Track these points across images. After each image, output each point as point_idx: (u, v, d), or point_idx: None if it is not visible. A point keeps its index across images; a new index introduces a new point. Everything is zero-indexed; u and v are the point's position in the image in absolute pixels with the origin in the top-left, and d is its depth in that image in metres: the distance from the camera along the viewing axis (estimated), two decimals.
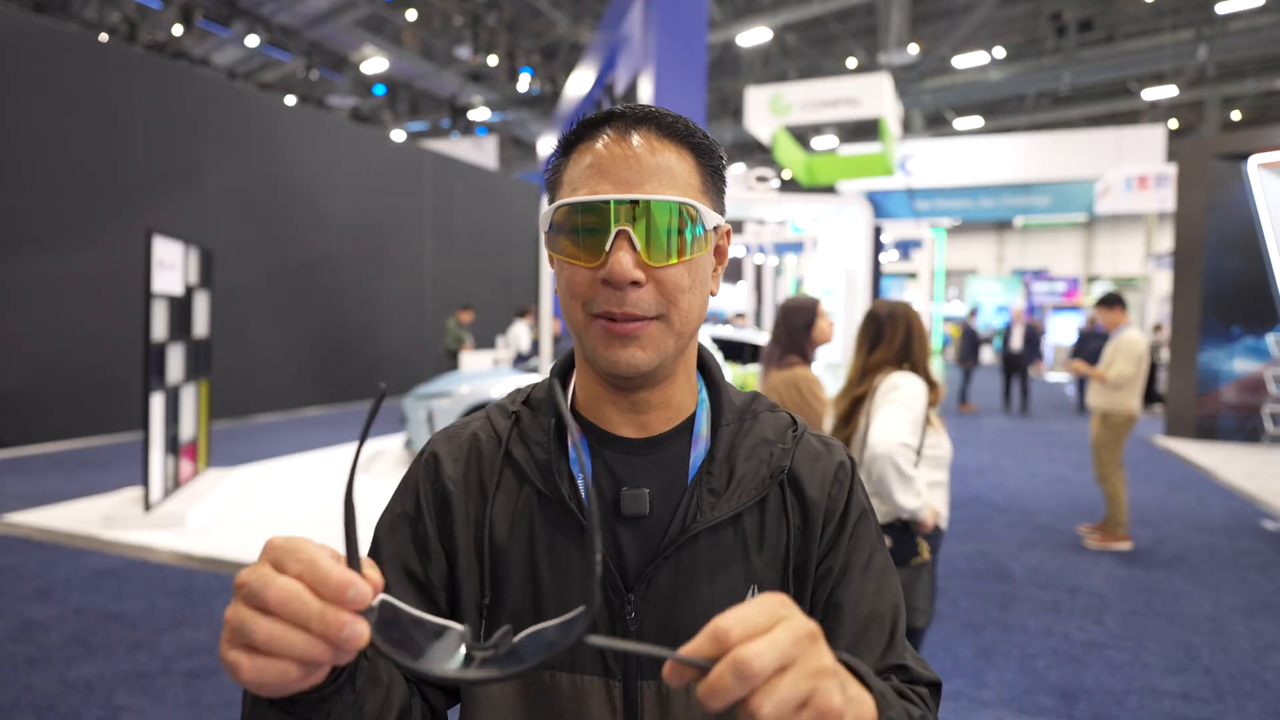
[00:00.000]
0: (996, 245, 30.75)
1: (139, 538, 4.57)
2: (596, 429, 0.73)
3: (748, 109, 11.07)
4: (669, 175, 0.65)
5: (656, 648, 0.42)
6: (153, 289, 4.67)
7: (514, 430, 0.74)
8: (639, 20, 5.25)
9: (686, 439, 0.73)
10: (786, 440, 0.74)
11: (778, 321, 2.77)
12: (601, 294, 0.64)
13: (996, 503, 5.95)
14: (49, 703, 2.73)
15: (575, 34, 15.31)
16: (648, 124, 0.67)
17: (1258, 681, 3.05)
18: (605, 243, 0.63)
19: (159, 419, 4.79)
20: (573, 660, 0.68)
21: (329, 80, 16.59)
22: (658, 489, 0.71)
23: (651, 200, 0.63)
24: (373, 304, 11.73)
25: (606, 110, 0.68)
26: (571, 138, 0.69)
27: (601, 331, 0.66)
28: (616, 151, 0.65)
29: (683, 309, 0.66)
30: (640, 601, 0.68)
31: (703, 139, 0.68)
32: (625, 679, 0.68)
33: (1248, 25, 14.06)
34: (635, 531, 0.69)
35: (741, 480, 0.71)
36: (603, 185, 0.64)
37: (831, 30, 16.48)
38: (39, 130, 7.40)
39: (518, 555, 0.70)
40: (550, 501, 0.70)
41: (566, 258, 0.66)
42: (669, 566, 0.68)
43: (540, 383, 0.78)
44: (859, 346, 2.26)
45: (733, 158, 22.43)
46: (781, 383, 2.64)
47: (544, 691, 0.69)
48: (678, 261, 0.65)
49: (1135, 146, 13.03)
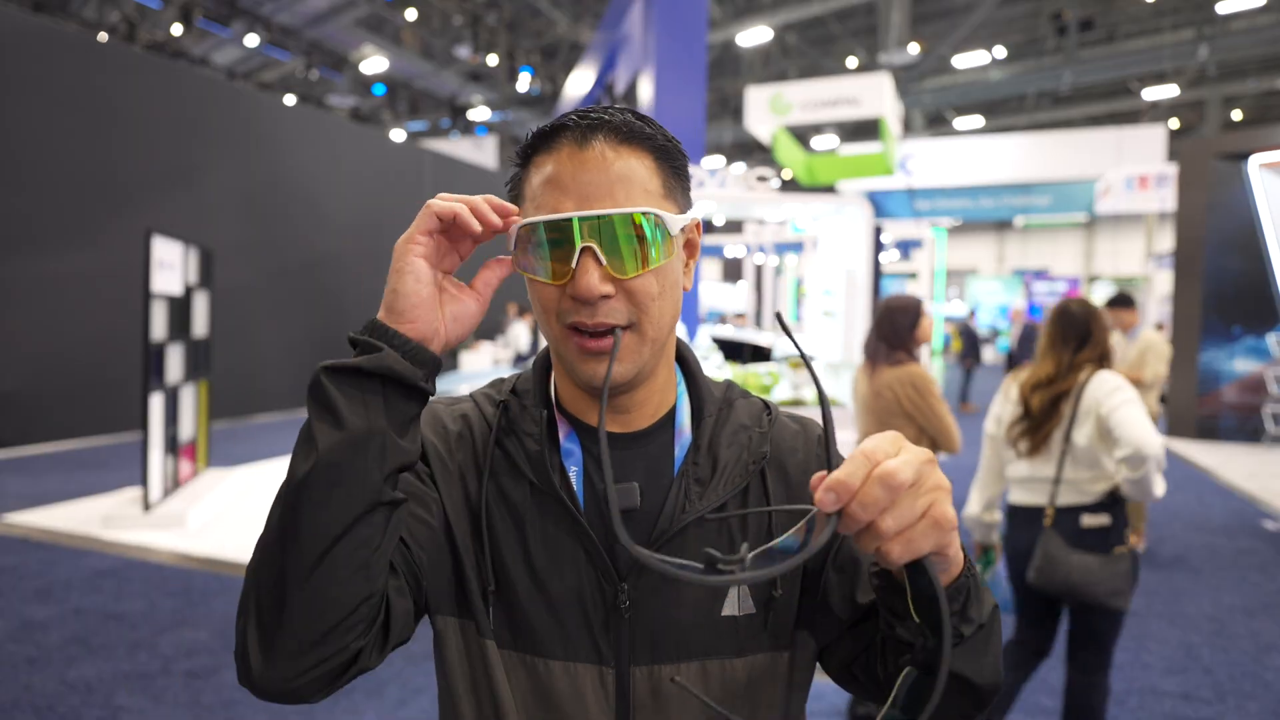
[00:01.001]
0: (997, 245, 30.74)
1: (139, 538, 4.57)
2: (582, 424, 0.74)
3: (748, 109, 11.06)
4: (628, 183, 0.65)
5: (792, 506, 0.51)
6: (152, 289, 4.67)
7: (503, 419, 0.75)
8: (639, 20, 5.25)
9: (670, 431, 0.75)
10: (763, 424, 0.77)
11: (880, 319, 2.82)
12: (572, 306, 0.66)
13: None
14: (49, 703, 2.73)
15: (575, 33, 15.31)
16: (602, 130, 0.66)
17: (1258, 682, 3.05)
18: (571, 259, 0.64)
19: (158, 419, 4.78)
20: (566, 647, 0.70)
21: (329, 80, 16.59)
22: (645, 481, 0.72)
23: (614, 214, 0.64)
24: (373, 304, 11.71)
25: (559, 118, 0.68)
26: (527, 149, 0.69)
27: (576, 346, 0.67)
28: (574, 163, 0.65)
29: (654, 316, 0.67)
30: (633, 590, 0.69)
31: (661, 139, 0.68)
32: (618, 665, 0.69)
33: (1248, 25, 14.04)
34: (627, 524, 0.71)
35: (725, 468, 0.73)
36: (563, 201, 0.65)
37: (832, 30, 16.47)
38: (38, 130, 7.40)
39: (512, 542, 0.71)
40: (542, 493, 0.71)
41: (534, 275, 0.66)
42: (660, 555, 0.69)
43: (524, 374, 0.79)
44: (1058, 343, 2.28)
45: (733, 158, 22.44)
46: (897, 380, 2.71)
47: (537, 678, 0.70)
48: (645, 271, 0.65)
49: (1136, 146, 13.03)
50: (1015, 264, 30.01)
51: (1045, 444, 2.22)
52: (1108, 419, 2.10)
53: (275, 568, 0.59)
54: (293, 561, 0.58)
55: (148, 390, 4.66)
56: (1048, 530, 2.17)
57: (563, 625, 0.70)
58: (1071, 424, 2.18)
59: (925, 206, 14.80)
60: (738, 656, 0.71)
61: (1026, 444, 2.25)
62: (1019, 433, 2.27)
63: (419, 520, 0.70)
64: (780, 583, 0.72)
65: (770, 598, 0.72)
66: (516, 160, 0.71)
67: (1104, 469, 2.17)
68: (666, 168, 0.69)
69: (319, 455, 0.58)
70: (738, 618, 0.71)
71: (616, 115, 0.67)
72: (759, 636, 0.72)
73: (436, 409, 0.78)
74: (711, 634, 0.70)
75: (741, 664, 0.71)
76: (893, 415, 2.70)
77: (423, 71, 17.01)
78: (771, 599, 0.72)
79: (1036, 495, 2.26)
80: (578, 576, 0.70)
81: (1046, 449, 2.22)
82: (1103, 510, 2.18)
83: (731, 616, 0.71)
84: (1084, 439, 2.16)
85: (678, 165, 0.70)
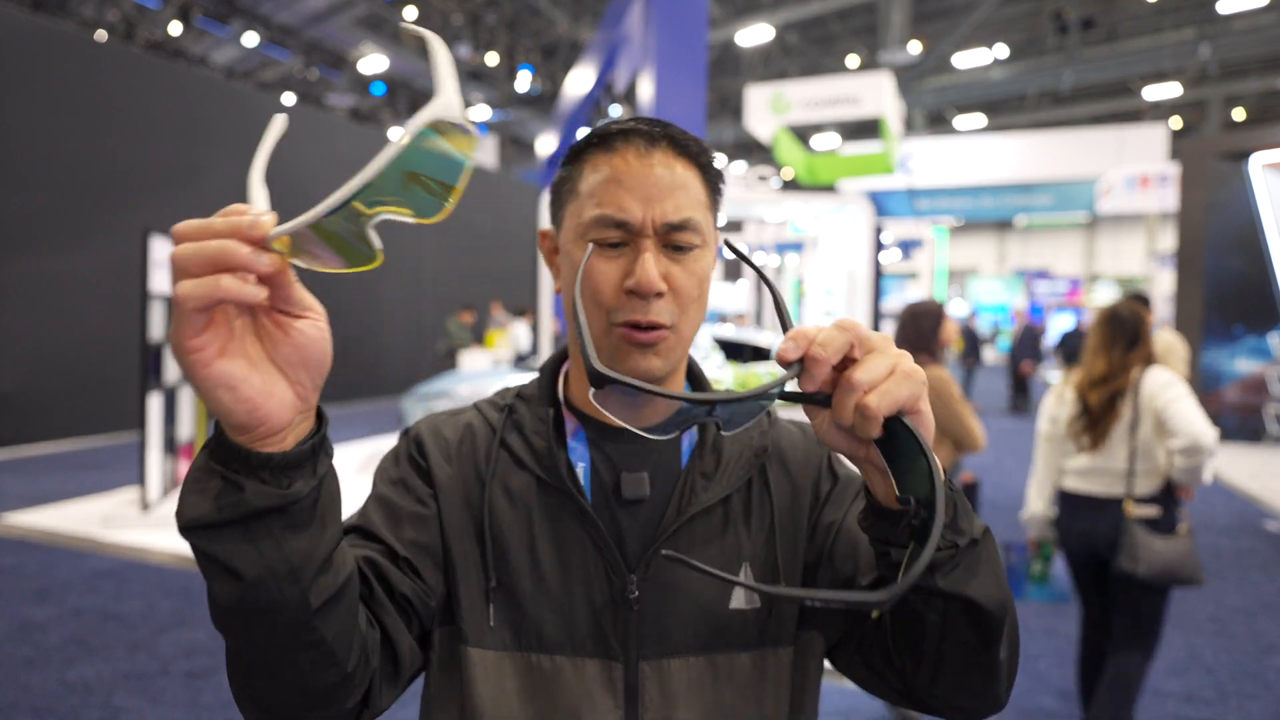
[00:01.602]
0: (998, 245, 30.73)
1: (137, 538, 4.57)
2: (594, 422, 0.76)
3: (748, 108, 11.05)
4: (685, 193, 0.69)
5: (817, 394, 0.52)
6: (150, 289, 4.66)
7: (507, 421, 0.77)
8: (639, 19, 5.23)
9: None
10: (763, 424, 0.79)
11: (904, 323, 2.89)
12: (627, 304, 0.67)
13: (999, 502, 5.93)
14: (48, 703, 2.72)
15: (575, 33, 15.30)
16: (665, 142, 0.70)
17: (1260, 682, 3.04)
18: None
19: (156, 419, 4.78)
20: (573, 642, 0.70)
21: (328, 79, 16.57)
22: (654, 474, 0.74)
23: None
24: (373, 304, 11.72)
25: (622, 124, 0.71)
26: (584, 146, 0.72)
27: (623, 340, 0.68)
28: (637, 167, 0.68)
29: (691, 319, 0.71)
30: (642, 582, 0.70)
31: (710, 159, 0.72)
32: (626, 661, 0.69)
33: (1250, 24, 14.03)
34: (634, 516, 0.73)
35: (729, 463, 0.75)
36: (627, 199, 0.67)
37: (832, 29, 16.46)
38: (36, 129, 7.39)
39: (517, 539, 0.72)
40: (550, 487, 0.72)
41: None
42: (667, 548, 0.70)
43: (531, 381, 0.81)
44: (1111, 343, 2.43)
45: (733, 157, 22.42)
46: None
47: (544, 674, 0.69)
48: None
49: (1137, 146, 13.02)
50: (1016, 264, 30.01)
51: (1105, 438, 2.37)
52: (1163, 412, 2.28)
53: (239, 665, 0.57)
54: (252, 669, 0.56)
55: (146, 390, 4.66)
56: (1130, 520, 2.31)
57: (570, 620, 0.70)
58: (1136, 421, 2.34)
59: (926, 206, 14.80)
60: (745, 651, 0.71)
61: (1088, 439, 2.40)
62: (1080, 428, 2.42)
63: (420, 547, 0.70)
64: (782, 577, 0.73)
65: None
66: (568, 156, 0.73)
67: (1159, 460, 2.34)
68: (711, 187, 0.73)
69: (216, 603, 0.52)
70: (746, 611, 0.72)
71: (678, 130, 0.71)
72: (766, 630, 0.72)
73: (437, 421, 0.78)
74: (720, 627, 0.71)
75: (749, 658, 0.71)
76: None
77: (422, 71, 16.99)
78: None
79: (1100, 485, 2.40)
80: (585, 569, 0.71)
81: (1106, 443, 2.38)
82: (1163, 496, 2.36)
83: (740, 610, 0.72)
84: (1146, 433, 2.34)
85: (718, 187, 0.74)
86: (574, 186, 0.71)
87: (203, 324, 0.46)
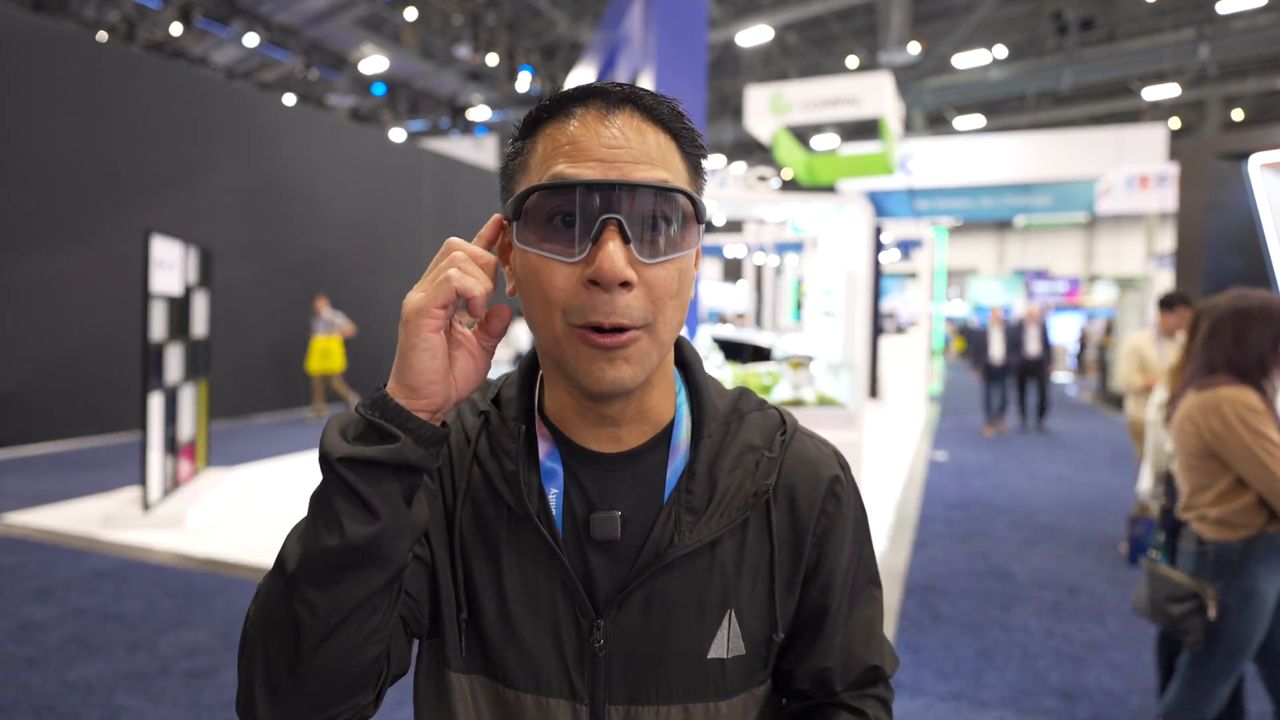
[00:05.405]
0: (997, 245, 30.74)
1: (138, 538, 4.57)
2: (566, 440, 0.67)
3: (748, 108, 11.05)
4: (657, 161, 0.57)
5: None
6: (151, 289, 4.67)
7: (483, 432, 0.68)
8: (639, 19, 5.23)
9: (664, 450, 0.67)
10: (774, 447, 0.68)
11: (1215, 326, 1.99)
12: (586, 300, 0.56)
13: (998, 503, 5.94)
14: (48, 703, 2.72)
15: (575, 33, 15.30)
16: (630, 104, 0.59)
17: (1260, 681, 3.04)
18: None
19: (157, 419, 4.78)
20: (539, 682, 0.65)
21: (328, 79, 16.58)
22: (631, 507, 0.65)
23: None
24: (373, 304, 11.72)
25: (580, 86, 0.60)
26: (539, 114, 0.61)
27: (585, 346, 0.57)
28: (597, 131, 0.57)
29: (668, 317, 0.59)
30: (610, 626, 0.64)
31: (686, 125, 0.61)
32: (593, 703, 0.64)
33: (1249, 24, 14.04)
34: (607, 555, 0.64)
35: (724, 497, 0.65)
36: (583, 167, 0.56)
37: (832, 29, 16.47)
38: (37, 129, 7.39)
39: (486, 571, 0.66)
40: (519, 518, 0.65)
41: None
42: (642, 593, 0.64)
43: (509, 378, 0.72)
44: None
45: (733, 158, 22.41)
46: (1199, 408, 1.96)
47: (513, 708, 0.65)
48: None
49: (1136, 146, 13.01)
50: (1015, 264, 30.02)
51: None
52: None
53: (286, 635, 0.55)
54: (307, 632, 0.55)
55: (147, 390, 4.66)
56: None
57: (535, 660, 0.65)
58: None
59: (925, 206, 14.79)
60: (723, 699, 0.65)
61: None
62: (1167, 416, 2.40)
63: (417, 559, 0.67)
64: (781, 625, 0.67)
65: (770, 639, 0.67)
66: (521, 130, 0.62)
67: None
68: (691, 158, 0.62)
69: (345, 539, 0.54)
70: (725, 660, 0.65)
71: (646, 90, 0.60)
72: (747, 676, 0.67)
73: None
74: (696, 676, 0.65)
75: (727, 706, 0.66)
76: (1194, 456, 2.01)
77: (422, 71, 17.00)
78: (771, 641, 0.68)
79: None
80: (553, 609, 0.64)
81: None
82: None
83: (719, 659, 0.65)
84: None
85: (698, 160, 0.63)
86: (525, 161, 0.61)
87: (449, 303, 0.56)
